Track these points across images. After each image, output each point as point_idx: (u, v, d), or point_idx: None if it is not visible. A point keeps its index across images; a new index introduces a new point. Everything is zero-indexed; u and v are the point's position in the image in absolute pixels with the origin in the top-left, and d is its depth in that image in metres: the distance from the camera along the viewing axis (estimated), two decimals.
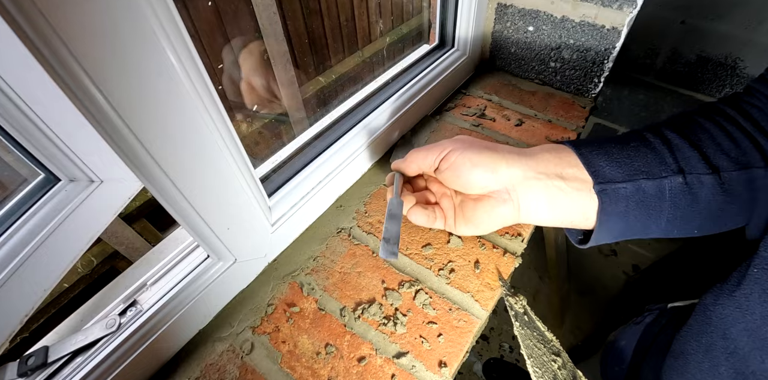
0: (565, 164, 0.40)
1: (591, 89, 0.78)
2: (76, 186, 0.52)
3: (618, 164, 0.38)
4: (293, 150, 0.59)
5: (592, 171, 0.38)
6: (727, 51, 1.14)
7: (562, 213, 0.40)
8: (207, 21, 0.76)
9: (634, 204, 0.38)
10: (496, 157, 0.40)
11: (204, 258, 0.48)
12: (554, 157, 0.40)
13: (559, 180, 0.39)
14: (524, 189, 0.40)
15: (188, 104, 0.33)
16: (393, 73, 0.74)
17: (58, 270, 0.49)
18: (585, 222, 0.40)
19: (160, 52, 0.28)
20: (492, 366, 1.33)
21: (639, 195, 0.38)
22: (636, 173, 0.38)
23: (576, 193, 0.39)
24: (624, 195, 0.38)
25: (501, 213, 0.41)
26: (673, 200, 0.37)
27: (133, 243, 1.04)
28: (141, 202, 1.04)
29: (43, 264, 0.47)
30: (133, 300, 0.48)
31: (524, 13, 0.76)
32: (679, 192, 0.37)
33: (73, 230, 0.50)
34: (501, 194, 0.41)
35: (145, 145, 0.32)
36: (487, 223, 0.43)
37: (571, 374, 0.48)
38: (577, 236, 0.45)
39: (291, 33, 1.06)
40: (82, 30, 0.24)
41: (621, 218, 0.39)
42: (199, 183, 0.38)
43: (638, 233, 0.41)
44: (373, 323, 0.47)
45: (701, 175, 0.37)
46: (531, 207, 0.40)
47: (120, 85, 0.27)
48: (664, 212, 0.38)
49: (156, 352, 0.45)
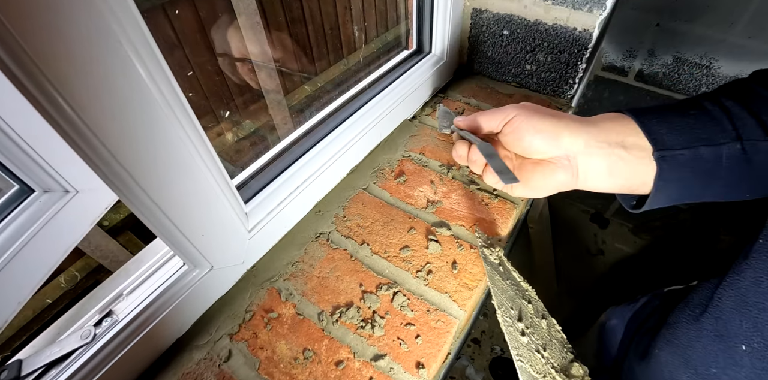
0: (626, 132, 0.41)
1: (567, 90, 0.79)
2: (50, 196, 0.52)
3: (678, 132, 0.39)
4: (270, 156, 0.59)
5: (653, 138, 0.39)
6: (702, 51, 1.17)
7: (620, 180, 0.41)
8: (189, 28, 0.77)
9: (690, 170, 0.39)
10: (560, 124, 0.41)
11: (180, 266, 0.48)
12: (616, 126, 0.41)
13: (620, 149, 0.40)
14: (585, 157, 0.41)
15: (157, 112, 0.33)
16: (371, 79, 0.75)
17: (32, 283, 0.49)
18: (642, 187, 0.41)
19: (125, 59, 0.29)
20: (498, 364, 1.34)
21: (696, 161, 0.39)
22: (695, 140, 0.39)
23: (636, 161, 0.40)
24: (682, 162, 0.39)
25: (558, 179, 0.42)
26: (730, 166, 0.38)
27: (117, 256, 1.03)
28: (125, 214, 1.03)
29: (17, 277, 0.47)
30: (109, 311, 0.47)
31: (499, 18, 0.78)
32: (735, 159, 0.38)
33: (48, 241, 0.50)
34: (561, 160, 0.42)
35: (113, 153, 0.32)
36: (543, 187, 0.44)
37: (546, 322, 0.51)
38: (630, 201, 0.46)
39: (275, 41, 1.06)
40: (42, 33, 0.24)
41: (677, 183, 0.40)
42: (171, 190, 0.38)
43: (692, 197, 0.42)
44: (351, 326, 0.47)
45: (758, 142, 0.38)
46: (590, 174, 0.42)
47: (84, 92, 0.27)
48: (719, 177, 0.39)
49: (132, 362, 0.44)
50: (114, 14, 0.27)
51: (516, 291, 0.51)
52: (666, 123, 0.40)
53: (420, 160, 0.69)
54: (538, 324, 0.50)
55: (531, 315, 0.50)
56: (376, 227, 0.58)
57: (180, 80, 0.35)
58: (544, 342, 0.48)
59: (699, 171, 0.39)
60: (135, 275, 0.50)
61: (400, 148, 0.71)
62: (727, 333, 0.37)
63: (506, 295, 0.49)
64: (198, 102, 0.77)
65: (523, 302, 0.51)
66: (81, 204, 0.53)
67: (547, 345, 0.48)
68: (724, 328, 0.38)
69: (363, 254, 0.55)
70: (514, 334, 0.46)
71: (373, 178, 0.66)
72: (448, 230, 0.58)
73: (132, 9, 0.28)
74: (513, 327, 0.47)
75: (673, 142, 0.39)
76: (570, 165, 0.41)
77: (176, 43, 0.74)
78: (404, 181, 0.65)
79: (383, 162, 0.69)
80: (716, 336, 0.39)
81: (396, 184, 0.65)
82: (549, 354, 0.47)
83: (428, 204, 0.62)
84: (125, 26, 0.28)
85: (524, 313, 0.49)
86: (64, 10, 0.24)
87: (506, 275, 0.52)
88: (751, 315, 0.35)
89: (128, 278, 0.51)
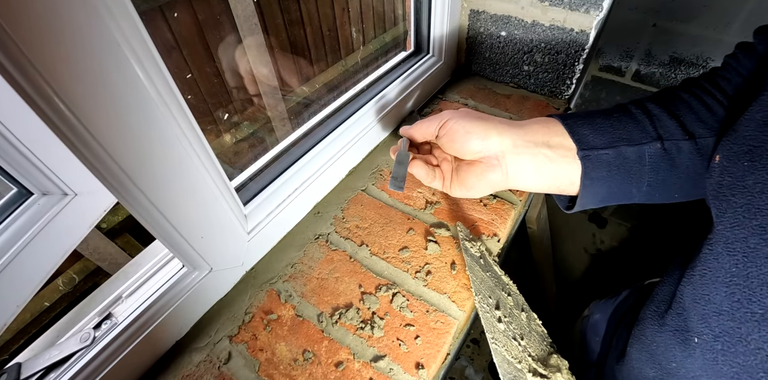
0: (552, 134, 0.43)
1: (564, 91, 0.80)
2: (49, 199, 0.52)
3: (601, 132, 0.42)
4: (270, 158, 0.59)
5: (576, 138, 0.42)
6: (698, 51, 1.17)
7: (547, 179, 0.43)
8: (188, 32, 0.77)
9: (616, 168, 0.41)
10: (488, 126, 0.43)
11: (179, 268, 0.48)
12: (542, 128, 0.44)
13: (545, 148, 0.42)
14: (513, 156, 0.43)
15: (155, 113, 0.33)
16: (370, 80, 0.75)
17: (31, 286, 0.49)
18: (570, 187, 0.43)
19: (125, 62, 0.29)
20: None
21: (620, 160, 0.41)
22: (617, 140, 0.41)
23: (561, 160, 0.42)
24: (606, 161, 0.41)
25: (490, 178, 0.44)
26: (653, 165, 0.40)
27: (116, 259, 1.03)
28: (123, 217, 1.03)
29: (15, 280, 0.47)
30: (108, 313, 0.47)
31: (496, 19, 0.78)
32: (658, 158, 0.40)
33: (46, 244, 0.50)
34: (491, 160, 0.43)
35: (112, 155, 0.32)
36: (478, 187, 0.46)
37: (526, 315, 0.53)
38: (565, 202, 0.48)
39: (273, 43, 1.06)
40: (41, 37, 0.24)
41: (603, 182, 0.42)
42: (170, 192, 0.38)
43: (621, 198, 0.44)
44: (351, 327, 0.47)
45: (679, 141, 0.40)
46: (519, 173, 0.43)
47: (82, 94, 0.28)
48: (644, 176, 0.41)
49: (132, 364, 0.44)
50: (113, 17, 0.27)
51: (496, 284, 0.53)
52: (590, 125, 0.43)
53: None
54: (517, 315, 0.52)
55: (510, 306, 0.52)
56: (375, 228, 0.58)
57: (178, 82, 0.35)
58: (522, 332, 0.50)
59: (624, 170, 0.41)
60: (134, 277, 0.50)
61: None
62: (685, 328, 0.38)
63: (485, 285, 0.51)
64: (196, 104, 0.77)
65: (503, 293, 0.52)
66: (79, 207, 0.53)
67: (525, 335, 0.50)
68: (684, 323, 0.39)
69: (362, 255, 0.55)
70: (490, 320, 0.48)
71: (371, 179, 0.66)
72: (447, 231, 0.58)
73: (130, 10, 0.28)
74: (490, 314, 0.49)
75: (595, 141, 0.41)
76: (500, 164, 0.43)
77: (174, 45, 0.74)
78: None
79: (382, 163, 0.69)
80: (675, 331, 0.40)
81: None
82: (527, 343, 0.49)
83: (427, 205, 0.62)
84: (123, 28, 0.28)
85: (502, 303, 0.51)
86: (62, 13, 0.24)
87: (487, 268, 0.54)
88: (699, 307, 0.36)
89: (127, 280, 0.51)
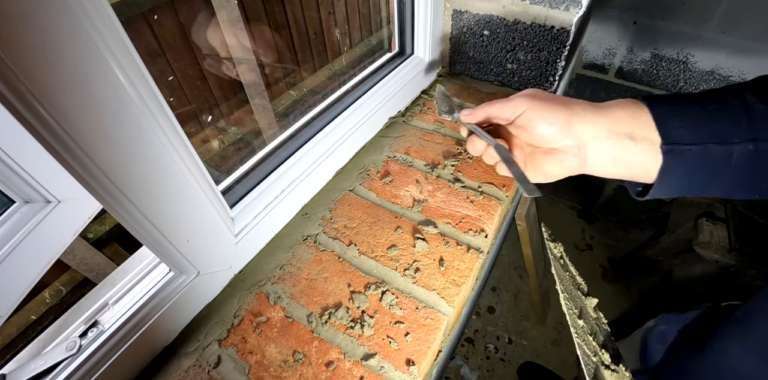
0: (637, 124, 0.40)
1: (547, 88, 0.80)
2: (31, 207, 0.51)
3: (691, 126, 0.39)
4: (256, 160, 0.59)
5: (664, 131, 0.39)
6: (679, 47, 1.19)
7: (623, 169, 0.42)
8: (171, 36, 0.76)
9: (697, 165, 0.39)
10: (570, 113, 0.42)
11: (166, 273, 0.48)
12: (628, 116, 0.41)
13: (628, 140, 0.40)
14: (594, 146, 0.42)
15: (138, 118, 0.33)
16: (355, 82, 0.75)
17: (14, 297, 0.48)
18: (645, 176, 0.42)
19: (104, 66, 0.29)
20: (527, 369, 1.35)
21: (704, 158, 0.38)
22: (706, 137, 0.38)
23: (642, 153, 0.40)
24: (689, 157, 0.39)
25: (568, 166, 0.43)
26: (739, 165, 0.38)
27: (103, 269, 1.01)
28: (110, 226, 1.01)
29: None
30: (95, 321, 0.47)
31: (479, 19, 0.79)
32: (747, 159, 0.37)
33: (30, 253, 0.49)
34: (571, 149, 0.42)
35: (95, 161, 0.32)
36: (554, 173, 0.45)
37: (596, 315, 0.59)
38: (635, 187, 0.46)
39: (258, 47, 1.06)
40: (18, 42, 0.24)
41: (682, 176, 0.40)
42: (155, 196, 0.38)
43: (697, 191, 0.42)
44: (341, 327, 0.47)
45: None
46: (597, 162, 0.42)
47: (64, 100, 0.27)
48: (726, 175, 0.39)
49: (120, 371, 0.43)
50: (94, 25, 0.27)
51: (572, 283, 0.58)
52: (680, 116, 0.40)
53: (405, 160, 0.69)
54: (590, 313, 0.56)
55: (586, 306, 0.56)
56: (363, 228, 0.58)
57: (161, 85, 0.35)
58: (594, 331, 0.54)
59: (706, 167, 0.39)
60: (120, 284, 0.50)
61: (386, 148, 0.72)
62: None
63: (565, 284, 0.55)
64: (180, 107, 0.77)
65: (578, 293, 0.57)
66: (63, 214, 0.53)
67: (597, 333, 0.54)
68: None
69: (351, 255, 0.55)
70: (573, 317, 0.52)
71: (359, 179, 0.66)
72: (435, 228, 0.58)
73: (111, 15, 0.28)
74: (572, 311, 0.52)
75: (683, 136, 0.39)
76: (580, 153, 0.42)
77: (157, 50, 0.73)
78: (390, 181, 0.66)
79: (369, 163, 0.69)
80: None
81: (382, 185, 0.65)
82: (597, 341, 0.53)
83: (414, 204, 0.62)
84: (103, 33, 0.28)
85: (583, 302, 0.56)
86: (43, 21, 0.24)
87: (566, 268, 0.59)
88: None
89: (113, 287, 0.50)
